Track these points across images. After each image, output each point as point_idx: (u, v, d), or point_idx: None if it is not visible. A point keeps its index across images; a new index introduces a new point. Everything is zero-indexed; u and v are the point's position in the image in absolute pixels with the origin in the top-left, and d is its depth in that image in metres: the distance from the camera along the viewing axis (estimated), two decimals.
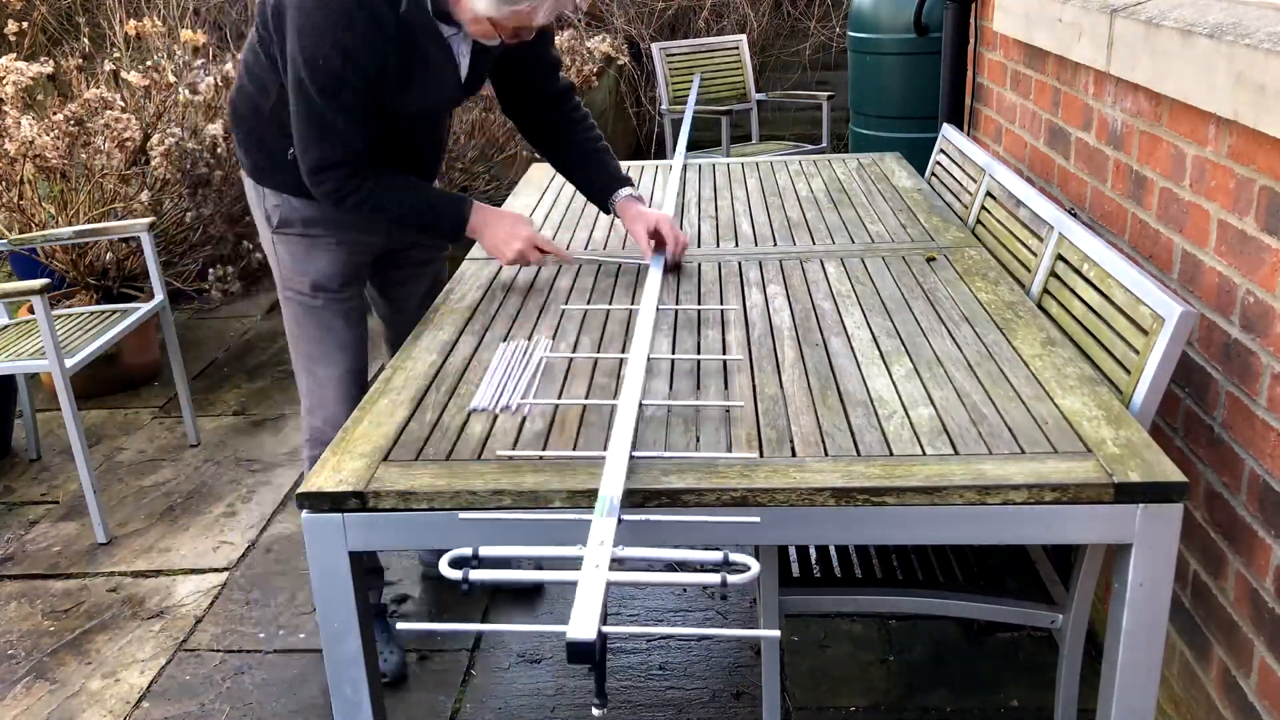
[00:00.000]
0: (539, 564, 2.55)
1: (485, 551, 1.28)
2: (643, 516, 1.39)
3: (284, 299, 2.31)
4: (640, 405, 1.62)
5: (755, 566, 1.21)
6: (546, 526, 1.44)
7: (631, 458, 1.48)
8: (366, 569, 1.83)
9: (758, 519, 1.39)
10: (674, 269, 2.30)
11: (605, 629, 1.15)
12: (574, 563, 1.26)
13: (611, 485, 1.38)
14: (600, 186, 2.38)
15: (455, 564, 1.25)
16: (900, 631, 2.49)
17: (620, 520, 1.33)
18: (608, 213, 2.40)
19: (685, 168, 3.25)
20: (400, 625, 1.15)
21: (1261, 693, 1.75)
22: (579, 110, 2.38)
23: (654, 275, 2.15)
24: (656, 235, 2.28)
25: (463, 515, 1.43)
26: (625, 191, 2.35)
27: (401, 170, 2.16)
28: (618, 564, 1.25)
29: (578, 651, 1.12)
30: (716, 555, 1.24)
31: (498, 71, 2.29)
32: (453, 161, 5.03)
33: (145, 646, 2.59)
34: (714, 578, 1.19)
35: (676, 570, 1.26)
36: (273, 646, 2.57)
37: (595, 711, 1.20)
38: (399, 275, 2.46)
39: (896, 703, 2.27)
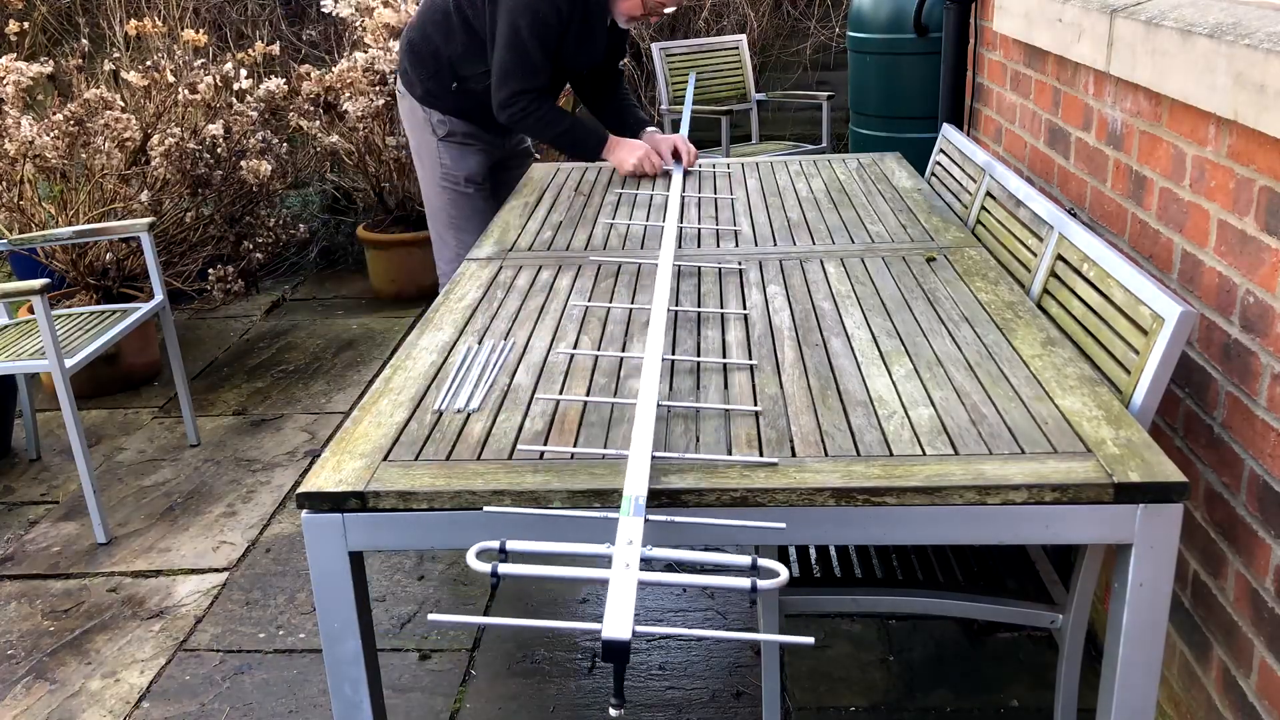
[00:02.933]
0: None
1: (513, 545, 1.27)
2: (667, 518, 1.39)
3: (441, 189, 3.21)
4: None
5: (784, 573, 1.21)
6: (560, 525, 1.44)
7: (654, 458, 1.48)
8: None
9: (783, 525, 1.39)
10: (689, 172, 3.16)
11: (642, 629, 1.16)
12: (601, 561, 1.26)
13: (636, 485, 1.37)
14: (633, 126, 3.28)
15: (483, 558, 1.25)
16: (900, 631, 2.49)
17: (647, 520, 1.33)
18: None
19: (684, 169, 3.25)
20: (433, 616, 1.15)
21: (1261, 693, 1.75)
22: (625, 84, 3.39)
23: (664, 273, 2.15)
24: (675, 151, 3.17)
25: (488, 509, 1.42)
26: (650, 129, 3.29)
27: (560, 107, 3.06)
28: (645, 564, 1.25)
29: (614, 650, 1.13)
30: (744, 559, 1.24)
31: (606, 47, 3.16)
32: None
33: (145, 646, 2.59)
34: (744, 581, 1.19)
35: (704, 572, 1.25)
36: (273, 646, 2.57)
37: (613, 712, 1.20)
38: (505, 175, 3.33)
39: (896, 703, 2.27)
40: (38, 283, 2.87)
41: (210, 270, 4.34)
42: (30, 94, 3.99)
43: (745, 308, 2.08)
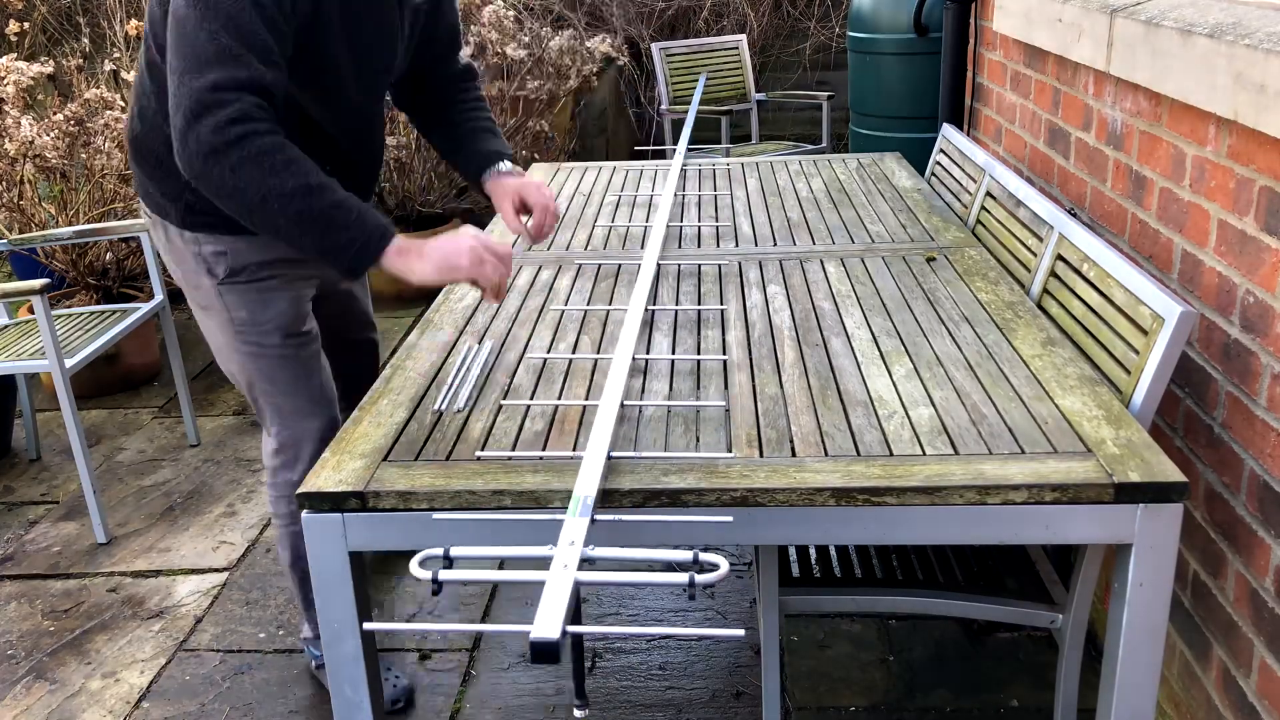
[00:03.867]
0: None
1: (456, 552, 1.27)
2: (615, 517, 1.39)
3: (243, 354, 2.02)
4: (622, 405, 1.62)
5: (724, 566, 1.20)
6: (531, 527, 1.44)
7: (609, 458, 1.48)
8: None
9: (730, 518, 1.39)
10: (537, 239, 2.07)
11: (572, 629, 1.14)
12: (546, 562, 1.25)
13: (586, 485, 1.38)
14: (482, 159, 2.11)
15: (428, 565, 1.25)
16: (900, 631, 2.49)
17: (594, 520, 1.33)
18: (481, 191, 2.15)
19: (684, 168, 3.25)
20: (367, 625, 1.15)
21: (1261, 692, 1.75)
22: (477, 92, 2.19)
23: (645, 274, 2.15)
24: (522, 206, 2.08)
25: (436, 515, 1.43)
26: (500, 171, 2.08)
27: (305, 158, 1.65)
28: (589, 564, 1.25)
29: (541, 651, 1.11)
30: (688, 555, 1.23)
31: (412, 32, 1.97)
32: (435, 164, 5.03)
33: (145, 646, 2.59)
34: (682, 578, 1.19)
35: (649, 570, 1.24)
36: (272, 646, 2.57)
37: (577, 713, 1.20)
38: (330, 308, 2.21)
39: (896, 703, 2.27)
40: (38, 283, 2.87)
41: None
42: (30, 94, 3.99)
43: (726, 304, 2.08)
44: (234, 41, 1.59)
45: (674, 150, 5.04)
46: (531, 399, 1.72)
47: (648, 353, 1.88)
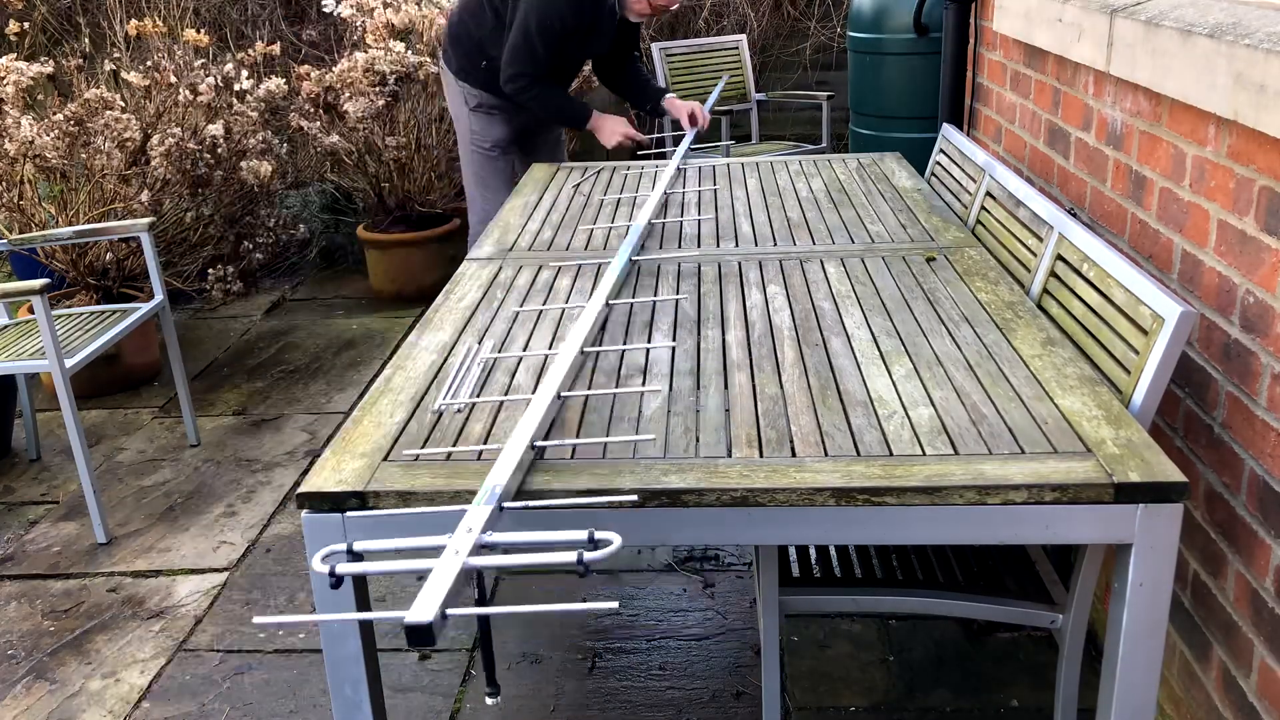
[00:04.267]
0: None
1: (359, 545, 1.28)
2: (523, 505, 1.40)
3: (471, 152, 3.80)
4: (560, 397, 1.64)
5: (616, 541, 1.20)
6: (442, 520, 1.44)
7: (533, 447, 1.49)
8: None
9: (635, 496, 1.39)
10: (702, 127, 3.76)
11: (453, 611, 1.15)
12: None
13: (499, 474, 1.38)
14: (653, 95, 3.89)
15: (331, 559, 1.26)
16: (900, 631, 2.49)
17: (502, 509, 1.33)
18: (659, 113, 3.94)
19: (683, 167, 3.25)
20: (257, 619, 1.15)
21: (1261, 693, 1.75)
22: (638, 63, 3.96)
23: (614, 269, 2.17)
24: (691, 116, 3.74)
25: (349, 515, 1.43)
26: (669, 95, 3.89)
27: (558, 86, 3.69)
28: (487, 550, 1.25)
29: (415, 634, 1.12)
30: (582, 535, 1.24)
31: (615, 40, 3.70)
32: (452, 161, 5.03)
33: (145, 646, 2.59)
34: (570, 556, 1.18)
35: (543, 551, 1.24)
36: (273, 646, 2.57)
37: (488, 700, 1.20)
38: (534, 141, 3.89)
39: (896, 703, 2.27)
40: (38, 283, 2.87)
41: (210, 270, 4.34)
42: (30, 94, 3.99)
43: (745, 307, 2.08)
44: (537, 51, 3.51)
45: (674, 151, 5.04)
46: (531, 399, 1.72)
47: (648, 354, 1.88)
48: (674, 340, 1.94)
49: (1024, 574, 1.92)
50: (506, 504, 1.36)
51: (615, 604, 1.16)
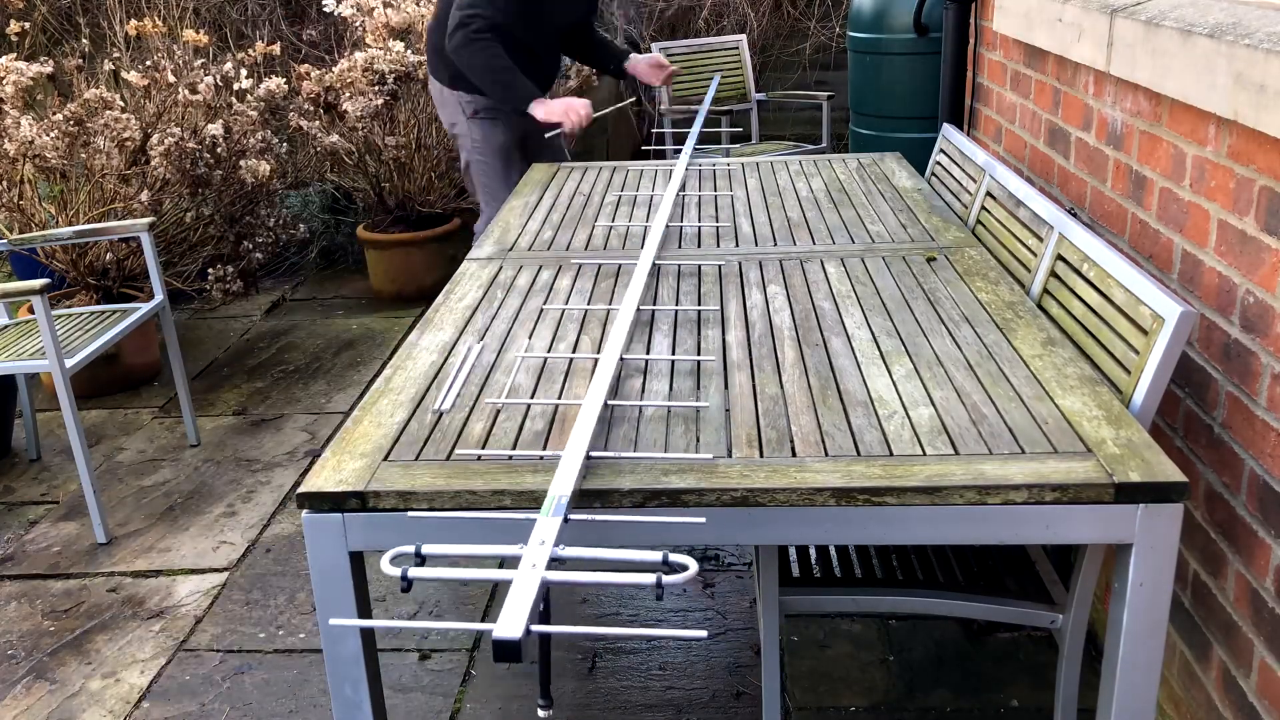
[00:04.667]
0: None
1: (428, 549, 1.27)
2: (588, 516, 1.39)
3: (476, 162, 3.64)
4: (608, 405, 1.62)
5: (693, 567, 1.20)
6: (519, 527, 1.43)
7: (589, 458, 1.48)
8: None
9: (703, 519, 1.38)
10: (667, 79, 3.80)
11: (537, 628, 1.14)
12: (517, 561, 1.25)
13: (562, 485, 1.37)
14: (616, 58, 3.80)
15: (398, 562, 1.25)
16: (900, 631, 2.49)
17: (567, 520, 1.32)
18: (621, 75, 3.86)
19: (687, 167, 3.25)
20: (334, 621, 1.15)
21: (1261, 693, 1.75)
22: (594, 28, 3.84)
23: (640, 273, 2.15)
24: (657, 66, 3.73)
25: (411, 514, 1.43)
26: (632, 56, 3.79)
27: (511, 54, 3.31)
28: (559, 564, 1.24)
29: (503, 650, 1.10)
30: (658, 555, 1.23)
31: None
32: (452, 161, 5.03)
33: (145, 646, 2.59)
34: (649, 578, 1.18)
35: (618, 571, 1.24)
36: (273, 646, 2.57)
37: (541, 714, 1.19)
38: (532, 145, 3.66)
39: (896, 703, 2.27)
40: (38, 283, 2.87)
41: (210, 270, 4.34)
42: (30, 94, 3.99)
43: (727, 303, 2.08)
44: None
45: (675, 151, 5.04)
46: (531, 399, 1.72)
47: (647, 352, 1.88)
48: (674, 340, 1.94)
49: (1024, 574, 1.92)
50: (572, 516, 1.35)
51: (704, 633, 1.16)
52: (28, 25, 5.08)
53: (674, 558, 1.21)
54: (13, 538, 3.10)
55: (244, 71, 4.53)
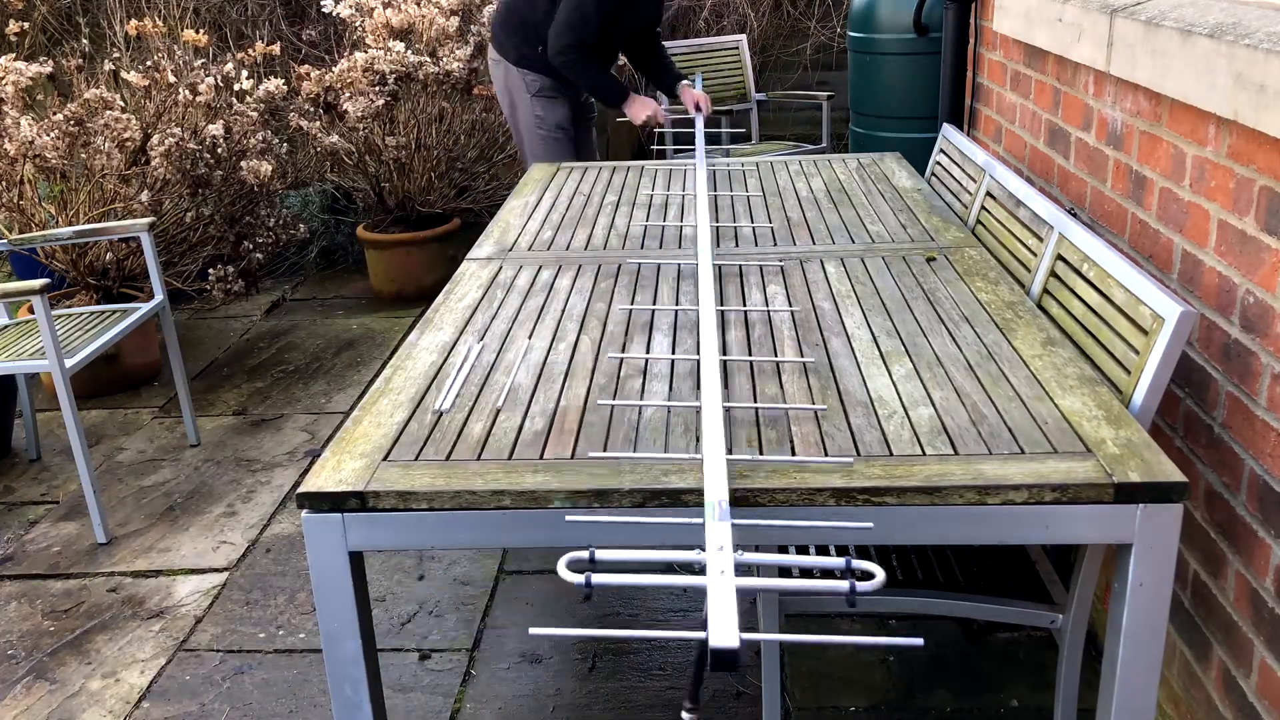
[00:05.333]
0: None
1: (601, 555, 1.25)
2: (753, 522, 1.38)
3: (538, 137, 3.96)
4: (725, 409, 1.61)
5: (880, 575, 1.19)
6: (662, 529, 1.43)
7: (729, 460, 1.46)
8: None
9: (870, 524, 1.38)
10: (708, 119, 3.92)
11: (747, 636, 1.14)
12: (691, 567, 1.24)
13: (716, 489, 1.35)
14: (672, 79, 4.13)
15: (574, 568, 1.23)
16: (900, 631, 2.49)
17: (734, 525, 1.31)
18: (672, 95, 4.17)
19: (685, 168, 3.25)
20: (535, 630, 1.15)
21: (1261, 692, 1.75)
22: (661, 43, 4.18)
23: (705, 274, 2.14)
24: (697, 104, 3.94)
25: (570, 518, 1.42)
26: (684, 82, 4.12)
27: (604, 62, 3.89)
28: (744, 570, 1.24)
29: (723, 659, 1.11)
30: (837, 561, 1.23)
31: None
32: (452, 161, 5.03)
33: (145, 646, 2.59)
34: (843, 584, 1.18)
35: (797, 576, 1.24)
36: (273, 646, 2.57)
37: (685, 716, 1.19)
38: (579, 124, 4.11)
39: (896, 703, 2.27)
40: (38, 283, 2.87)
41: (210, 270, 4.34)
42: (30, 94, 3.99)
43: (745, 307, 2.07)
44: (592, 23, 3.71)
45: (675, 152, 5.04)
46: (531, 399, 1.72)
47: (647, 352, 1.88)
48: (674, 341, 1.94)
49: (1024, 574, 1.92)
50: (737, 521, 1.34)
51: (919, 640, 1.15)
52: (28, 25, 5.08)
53: (857, 564, 1.22)
54: (13, 538, 3.10)
55: (244, 72, 4.53)
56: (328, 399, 3.93)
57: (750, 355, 1.85)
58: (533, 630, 1.21)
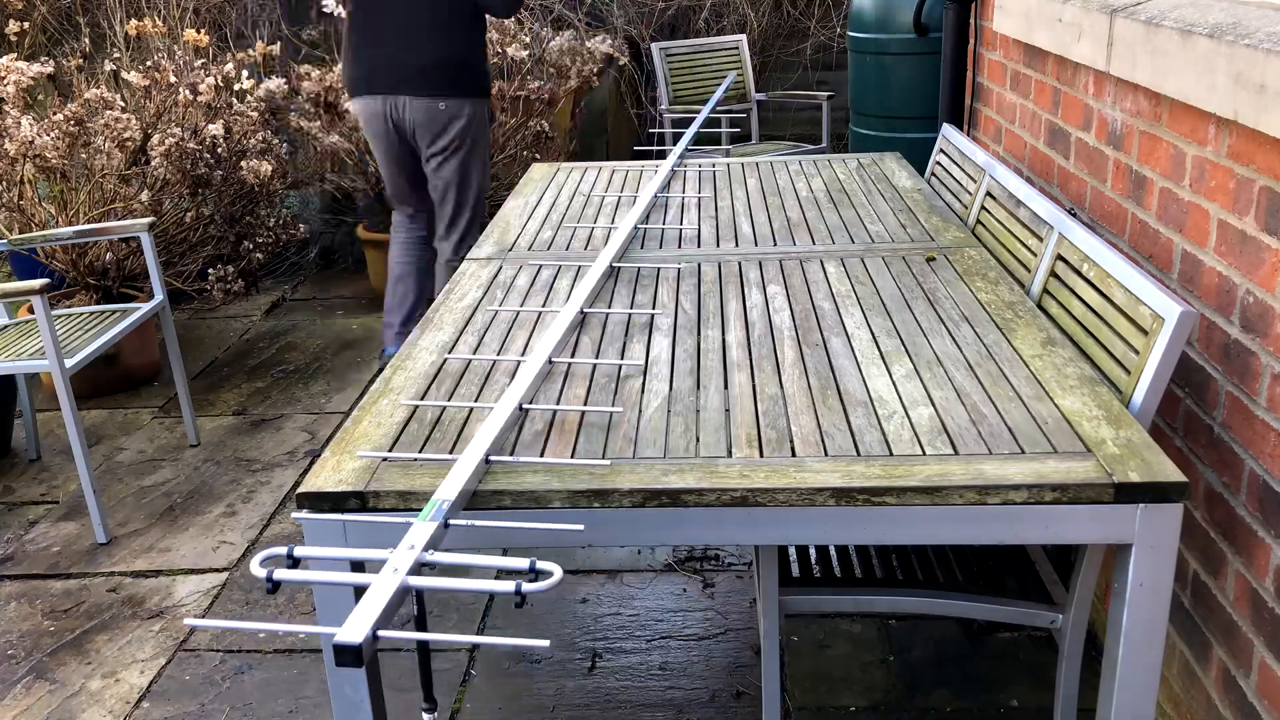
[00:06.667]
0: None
1: (300, 551, 1.26)
2: (469, 522, 1.38)
3: (482, 144, 3.68)
4: (521, 409, 1.62)
5: (556, 574, 1.18)
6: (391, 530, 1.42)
7: (487, 461, 1.47)
8: None
9: (581, 526, 1.36)
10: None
11: (385, 633, 1.12)
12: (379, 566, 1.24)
13: (448, 489, 1.36)
14: None
15: (269, 564, 1.24)
16: (900, 631, 2.49)
17: (448, 525, 1.31)
18: None
19: (682, 168, 3.25)
20: (188, 621, 1.14)
21: (1261, 692, 1.75)
22: None
23: (596, 269, 2.17)
24: None
25: (294, 516, 1.42)
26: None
27: None
28: (429, 569, 1.23)
29: (344, 653, 1.09)
30: (523, 563, 1.21)
31: None
32: None
33: (145, 646, 2.59)
34: (509, 585, 1.16)
35: (483, 579, 1.22)
36: (272, 646, 2.57)
37: (425, 717, 1.19)
38: None
39: (896, 703, 2.27)
40: (38, 283, 2.87)
41: (210, 270, 4.34)
42: (30, 94, 3.99)
43: (745, 307, 2.08)
44: None
45: (673, 151, 5.04)
46: (532, 399, 1.72)
47: (647, 354, 1.88)
48: (674, 342, 1.94)
49: (1024, 574, 1.92)
50: (453, 520, 1.34)
51: (546, 642, 1.15)
52: (28, 25, 5.08)
53: (541, 564, 1.20)
54: (13, 538, 3.10)
55: (244, 72, 4.53)
56: (328, 399, 3.93)
57: (752, 354, 1.85)
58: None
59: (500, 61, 5.07)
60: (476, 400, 1.72)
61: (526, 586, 1.16)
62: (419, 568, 1.23)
